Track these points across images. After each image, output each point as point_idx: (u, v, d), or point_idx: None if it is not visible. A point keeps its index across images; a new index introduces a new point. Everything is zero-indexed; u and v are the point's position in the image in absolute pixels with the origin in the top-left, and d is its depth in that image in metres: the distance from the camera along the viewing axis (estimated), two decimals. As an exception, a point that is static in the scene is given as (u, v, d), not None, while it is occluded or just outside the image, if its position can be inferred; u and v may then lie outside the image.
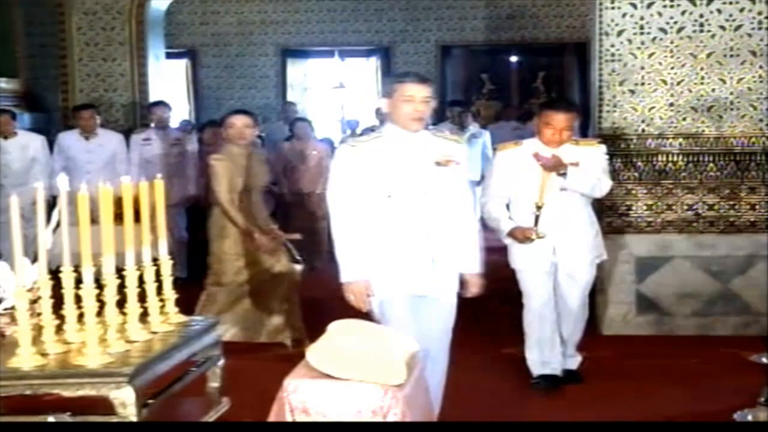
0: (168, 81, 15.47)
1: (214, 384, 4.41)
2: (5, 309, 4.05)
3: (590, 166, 6.72)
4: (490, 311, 8.42)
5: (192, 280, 9.93)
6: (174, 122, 13.07)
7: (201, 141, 12.23)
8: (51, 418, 3.73)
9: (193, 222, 11.80)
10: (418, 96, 5.26)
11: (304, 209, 12.47)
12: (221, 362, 4.44)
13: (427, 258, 5.42)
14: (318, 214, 12.18)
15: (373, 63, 19.97)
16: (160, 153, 11.55)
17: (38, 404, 3.86)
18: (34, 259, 3.75)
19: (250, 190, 8.22)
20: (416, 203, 5.37)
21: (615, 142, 8.35)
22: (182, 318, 4.28)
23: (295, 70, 20.06)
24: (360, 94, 19.67)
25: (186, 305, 4.33)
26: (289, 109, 16.52)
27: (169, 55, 15.58)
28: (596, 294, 8.11)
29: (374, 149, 5.38)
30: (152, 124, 12.22)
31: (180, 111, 15.38)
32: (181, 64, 19.30)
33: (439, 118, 14.56)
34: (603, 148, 6.97)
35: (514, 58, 19.62)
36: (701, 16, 8.29)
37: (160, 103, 12.30)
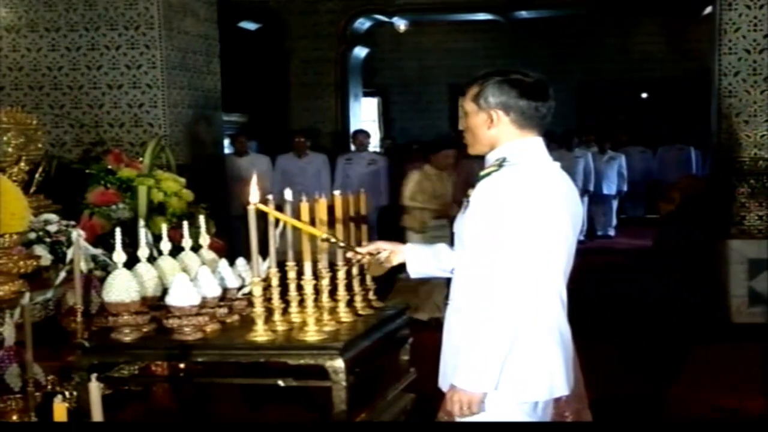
0: (364, 114, 15.67)
1: (404, 357, 4.39)
2: (243, 294, 4.12)
3: None
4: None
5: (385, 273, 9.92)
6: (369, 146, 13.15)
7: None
8: (280, 382, 3.77)
9: (380, 226, 11.85)
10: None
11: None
12: (410, 339, 4.42)
13: None
14: None
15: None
16: (358, 170, 11.66)
17: (269, 370, 3.90)
18: (265, 256, 3.79)
19: None
20: None
21: (731, 164, 8.11)
22: (380, 304, 4.28)
23: (463, 104, 20.01)
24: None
25: (380, 294, 4.32)
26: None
27: (365, 94, 15.78)
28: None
29: None
30: (353, 148, 12.34)
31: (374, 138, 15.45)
32: (374, 101, 19.47)
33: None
34: None
35: (644, 95, 19.16)
36: (806, 58, 7.97)
37: (362, 131, 12.48)
